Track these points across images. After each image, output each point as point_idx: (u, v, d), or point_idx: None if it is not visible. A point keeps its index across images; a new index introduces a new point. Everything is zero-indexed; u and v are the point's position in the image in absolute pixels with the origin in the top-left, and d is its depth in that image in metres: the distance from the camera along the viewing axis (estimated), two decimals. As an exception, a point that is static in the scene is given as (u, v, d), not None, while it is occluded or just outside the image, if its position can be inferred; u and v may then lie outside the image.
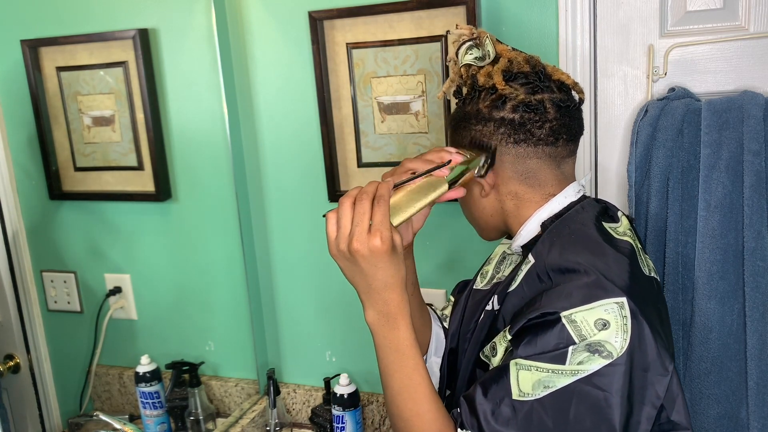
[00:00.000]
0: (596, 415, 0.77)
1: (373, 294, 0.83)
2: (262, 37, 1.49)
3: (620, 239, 0.88)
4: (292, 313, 1.64)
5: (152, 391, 1.47)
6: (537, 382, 0.78)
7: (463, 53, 0.95)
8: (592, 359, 0.77)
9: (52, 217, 1.49)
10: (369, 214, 0.80)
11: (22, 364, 1.31)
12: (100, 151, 1.48)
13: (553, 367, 0.77)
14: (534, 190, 0.92)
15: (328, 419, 1.52)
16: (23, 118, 1.42)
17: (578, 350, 0.77)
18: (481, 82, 0.91)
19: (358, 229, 0.80)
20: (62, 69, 1.44)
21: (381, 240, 0.79)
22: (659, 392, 0.80)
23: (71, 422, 1.43)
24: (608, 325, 0.77)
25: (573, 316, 0.78)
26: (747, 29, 1.18)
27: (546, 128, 0.89)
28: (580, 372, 0.77)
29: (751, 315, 1.12)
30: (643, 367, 0.79)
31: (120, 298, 1.53)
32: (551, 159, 0.91)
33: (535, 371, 0.78)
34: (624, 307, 0.78)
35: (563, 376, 0.77)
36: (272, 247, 1.61)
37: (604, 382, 0.77)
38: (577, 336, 0.77)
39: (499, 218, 0.96)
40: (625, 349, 0.77)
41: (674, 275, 1.18)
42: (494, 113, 0.89)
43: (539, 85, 0.90)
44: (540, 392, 0.77)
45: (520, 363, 0.79)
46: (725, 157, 1.12)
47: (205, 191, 1.56)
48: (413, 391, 0.84)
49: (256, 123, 1.55)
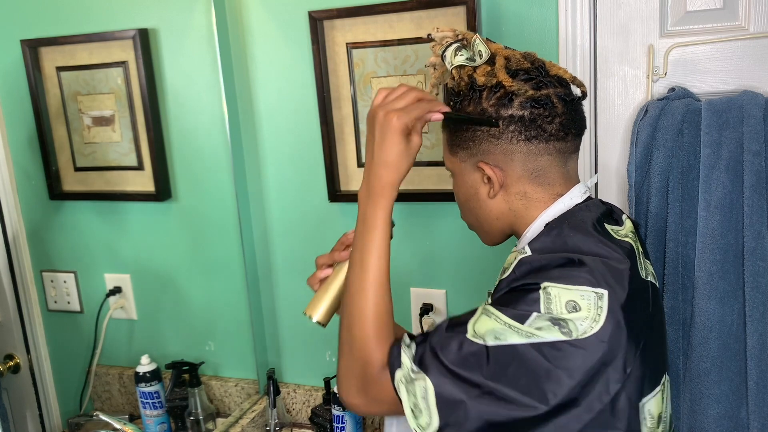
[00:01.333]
0: (532, 382, 0.78)
1: (372, 167, 0.90)
2: (262, 37, 1.49)
3: (620, 239, 0.88)
4: (292, 313, 1.64)
5: (152, 391, 1.47)
6: (490, 330, 0.80)
7: (452, 55, 0.94)
8: (551, 329, 0.78)
9: (52, 217, 1.49)
10: (409, 102, 0.89)
11: (22, 364, 1.31)
12: (100, 151, 1.48)
13: (511, 322, 0.79)
14: (543, 189, 0.91)
15: (328, 419, 1.52)
16: (23, 118, 1.42)
17: (541, 318, 0.79)
18: (482, 82, 0.89)
19: (392, 104, 0.89)
20: (62, 69, 1.44)
21: (397, 119, 0.87)
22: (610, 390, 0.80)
23: (71, 422, 1.43)
24: (578, 309, 0.79)
25: (549, 289, 0.80)
26: (747, 29, 1.18)
27: (556, 123, 0.88)
28: (535, 336, 0.78)
29: (751, 315, 1.13)
30: (604, 362, 0.79)
31: (120, 298, 1.53)
32: (560, 155, 0.90)
33: (495, 320, 0.81)
34: (602, 299, 0.79)
35: (516, 334, 0.79)
36: (272, 247, 1.61)
37: (555, 355, 0.77)
38: (545, 308, 0.79)
39: (505, 221, 0.94)
40: (589, 336, 0.78)
41: (674, 275, 1.18)
42: (502, 111, 0.88)
43: (542, 80, 0.89)
44: (490, 341, 0.80)
45: (487, 309, 0.83)
46: (725, 157, 1.12)
47: (205, 191, 1.56)
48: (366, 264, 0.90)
49: (256, 123, 1.55)
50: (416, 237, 1.47)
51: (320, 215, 1.54)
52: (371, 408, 0.90)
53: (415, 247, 1.48)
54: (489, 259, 1.39)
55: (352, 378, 0.90)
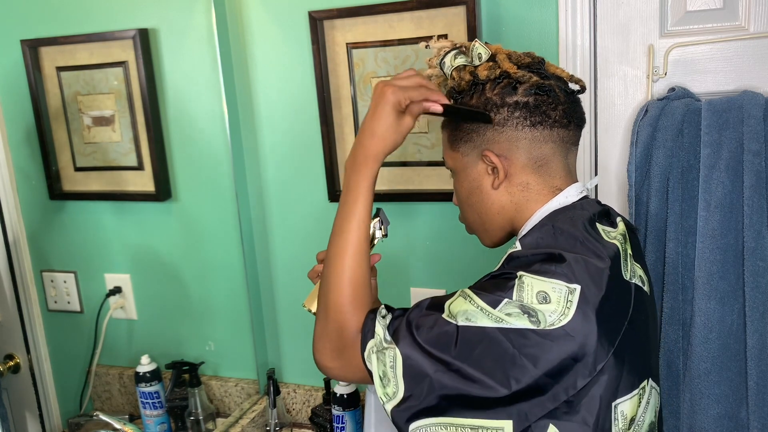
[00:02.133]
0: (496, 364, 0.79)
1: (361, 137, 0.93)
2: (262, 37, 1.49)
3: (608, 242, 0.88)
4: (292, 313, 1.64)
5: (152, 391, 1.47)
6: (463, 311, 0.82)
7: (451, 59, 0.97)
8: (519, 317, 0.79)
9: (52, 217, 1.49)
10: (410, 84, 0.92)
11: (22, 364, 1.31)
12: (100, 151, 1.48)
13: (483, 305, 0.81)
14: (543, 180, 0.92)
15: (328, 419, 1.52)
16: (23, 118, 1.42)
17: (511, 304, 0.80)
18: (485, 75, 0.92)
19: (393, 81, 0.92)
20: (62, 69, 1.44)
21: (392, 93, 0.90)
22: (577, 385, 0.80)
23: (71, 422, 1.43)
24: (548, 300, 0.80)
25: (524, 278, 0.81)
26: (747, 29, 1.18)
27: (560, 110, 0.90)
28: (503, 322, 0.79)
29: (751, 315, 1.13)
30: (573, 357, 0.79)
31: (120, 298, 1.53)
32: (563, 144, 0.92)
33: (468, 302, 0.82)
34: (574, 294, 0.80)
35: (486, 318, 0.80)
36: (272, 247, 1.61)
37: (521, 342, 0.79)
38: (517, 295, 0.80)
39: (506, 215, 0.95)
40: (556, 328, 0.78)
41: (674, 275, 1.18)
42: (507, 99, 0.90)
43: (544, 73, 0.92)
44: (461, 321, 0.81)
45: (465, 291, 0.84)
46: (725, 157, 1.12)
47: (205, 191, 1.56)
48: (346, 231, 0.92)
49: (256, 123, 1.55)
50: (416, 237, 1.47)
51: (320, 215, 1.54)
52: (345, 372, 0.93)
53: (415, 247, 1.48)
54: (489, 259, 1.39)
55: (327, 342, 0.94)
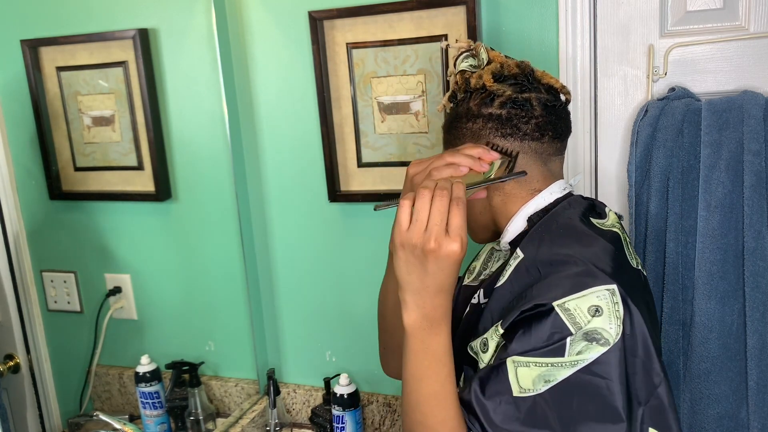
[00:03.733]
0: (599, 403, 0.77)
1: (424, 295, 0.80)
2: (262, 37, 1.49)
3: (607, 230, 0.90)
4: (292, 313, 1.64)
5: (152, 391, 1.47)
6: (537, 377, 0.77)
7: (459, 62, 0.99)
8: (590, 348, 0.77)
9: (52, 217, 1.49)
10: (447, 213, 0.79)
11: (22, 364, 1.31)
12: (100, 151, 1.48)
13: (552, 360, 0.77)
14: (520, 185, 0.94)
15: (328, 419, 1.52)
16: (23, 118, 1.42)
17: (576, 340, 0.77)
18: (473, 84, 0.95)
19: (437, 229, 0.78)
20: (62, 69, 1.44)
21: (461, 246, 0.78)
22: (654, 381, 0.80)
23: (71, 422, 1.43)
24: (601, 311, 0.78)
25: (566, 305, 0.78)
26: (747, 29, 1.18)
27: (532, 124, 0.92)
28: (580, 362, 0.77)
29: (751, 315, 1.12)
30: (634, 353, 0.79)
31: (120, 298, 1.53)
32: (537, 155, 0.94)
33: (534, 366, 0.78)
34: (615, 294, 0.79)
35: (563, 368, 0.77)
36: (272, 247, 1.61)
37: (604, 369, 0.77)
38: (573, 325, 0.77)
39: (488, 215, 0.97)
40: (620, 335, 0.78)
41: (674, 275, 1.18)
42: (483, 110, 0.93)
43: (527, 86, 0.93)
44: (541, 387, 0.77)
45: (517, 360, 0.79)
46: (725, 157, 1.12)
47: (205, 191, 1.56)
48: (444, 398, 0.82)
49: (256, 123, 1.55)
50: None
51: (320, 215, 1.54)
52: None
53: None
54: (489, 259, 1.39)
55: None
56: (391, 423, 1.57)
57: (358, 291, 1.55)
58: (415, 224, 0.79)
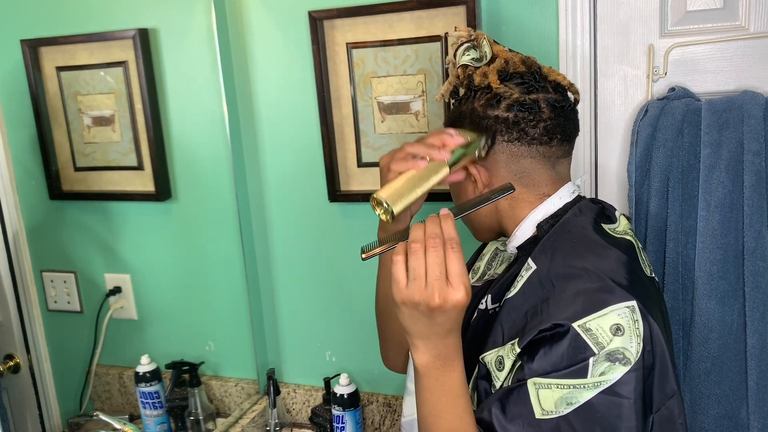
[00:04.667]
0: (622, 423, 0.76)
1: (433, 339, 0.78)
2: (262, 37, 1.49)
3: (621, 238, 0.88)
4: (292, 313, 1.64)
5: (152, 391, 1.47)
6: (560, 400, 0.76)
7: (460, 54, 0.96)
8: (613, 368, 0.75)
9: (52, 217, 1.49)
10: (444, 262, 0.75)
11: (22, 364, 1.31)
12: (100, 151, 1.48)
13: (574, 382, 0.75)
14: (528, 190, 0.92)
15: (328, 419, 1.52)
16: (23, 118, 1.42)
17: (599, 361, 0.76)
18: (477, 82, 0.91)
19: (438, 284, 0.74)
20: (62, 69, 1.44)
21: (465, 293, 0.75)
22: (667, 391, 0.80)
23: (71, 422, 1.43)
24: (622, 330, 0.76)
25: (587, 325, 0.76)
26: (747, 29, 1.18)
27: (540, 127, 0.89)
28: (603, 383, 0.75)
29: (751, 315, 1.12)
30: (652, 366, 0.78)
31: (120, 298, 1.53)
32: (545, 159, 0.91)
33: (556, 389, 0.76)
34: (635, 311, 0.77)
35: (586, 390, 0.75)
36: (272, 247, 1.61)
37: (627, 389, 0.76)
38: (595, 345, 0.76)
39: (493, 218, 0.95)
40: (640, 353, 0.77)
41: (674, 275, 1.18)
42: (489, 111, 0.90)
43: (534, 85, 0.90)
44: (564, 409, 0.75)
45: (538, 382, 0.77)
46: (725, 157, 1.12)
47: (205, 191, 1.56)
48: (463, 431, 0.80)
49: (256, 123, 1.55)
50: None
51: (320, 215, 1.54)
52: None
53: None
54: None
55: None
56: (391, 423, 1.57)
57: (358, 291, 1.55)
58: (413, 282, 0.75)
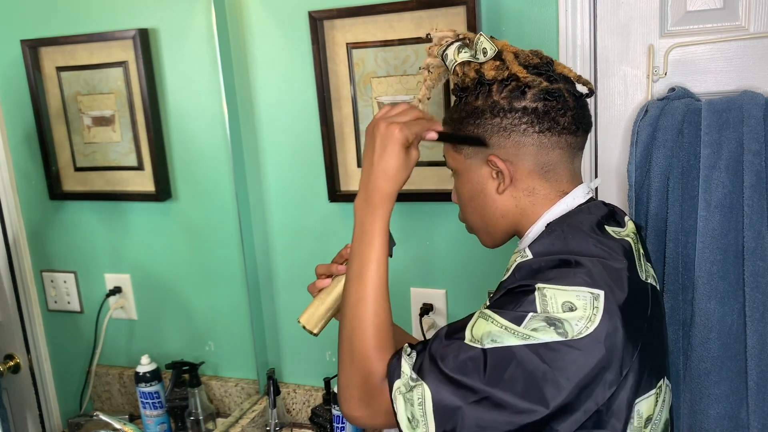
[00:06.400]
0: (530, 384, 0.77)
1: (370, 178, 0.91)
2: (262, 37, 1.49)
3: (619, 239, 0.87)
4: (292, 313, 1.64)
5: (152, 391, 1.47)
6: (487, 333, 0.80)
7: (454, 53, 0.94)
8: (546, 330, 0.77)
9: (52, 217, 1.49)
10: (410, 118, 0.91)
11: (22, 364, 1.31)
12: (100, 151, 1.48)
13: (507, 324, 0.79)
14: (550, 185, 0.90)
15: (328, 419, 1.52)
16: (23, 118, 1.42)
17: (536, 318, 0.78)
18: (492, 76, 0.89)
19: (394, 117, 0.91)
20: (62, 69, 1.44)
21: (399, 131, 0.89)
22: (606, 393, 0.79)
23: (71, 422, 1.43)
24: (574, 309, 0.78)
25: (545, 291, 0.79)
26: (747, 29, 1.18)
27: (568, 116, 0.88)
28: (531, 338, 0.78)
29: (751, 315, 1.12)
30: (603, 365, 0.78)
31: (120, 298, 1.53)
32: (570, 150, 0.90)
33: (491, 322, 0.80)
34: (599, 300, 0.79)
35: (513, 336, 0.78)
36: (272, 247, 1.61)
37: (551, 357, 0.77)
38: (541, 308, 0.79)
39: (511, 219, 0.93)
40: (584, 336, 0.77)
41: (674, 275, 1.18)
42: (515, 103, 0.88)
43: (553, 75, 0.89)
44: (487, 343, 0.79)
45: (484, 312, 0.83)
46: (725, 157, 1.12)
47: (205, 191, 1.56)
48: (365, 276, 0.89)
49: (256, 123, 1.55)
50: (416, 237, 1.47)
51: (320, 215, 1.54)
52: (374, 420, 0.89)
53: (415, 247, 1.48)
54: (489, 259, 1.39)
55: (353, 390, 0.89)
56: (391, 423, 1.57)
57: (358, 291, 1.55)
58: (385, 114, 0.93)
